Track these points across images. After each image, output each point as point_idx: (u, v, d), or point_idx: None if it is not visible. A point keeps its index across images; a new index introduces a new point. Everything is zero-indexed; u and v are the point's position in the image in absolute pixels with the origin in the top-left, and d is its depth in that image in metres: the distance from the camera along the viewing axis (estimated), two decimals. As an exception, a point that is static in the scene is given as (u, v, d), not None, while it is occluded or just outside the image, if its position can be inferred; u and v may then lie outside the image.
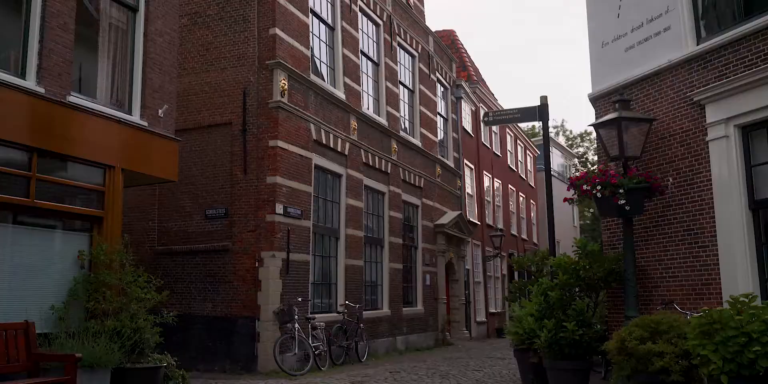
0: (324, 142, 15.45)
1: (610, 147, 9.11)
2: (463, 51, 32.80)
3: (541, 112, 10.77)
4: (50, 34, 8.99)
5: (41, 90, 8.81)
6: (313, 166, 15.00)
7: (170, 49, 11.17)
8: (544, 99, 11.02)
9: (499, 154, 32.54)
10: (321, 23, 16.45)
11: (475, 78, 30.92)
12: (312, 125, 14.96)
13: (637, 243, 9.37)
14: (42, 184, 8.86)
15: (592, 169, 10.58)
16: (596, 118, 10.20)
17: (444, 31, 33.63)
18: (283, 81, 13.92)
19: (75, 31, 9.43)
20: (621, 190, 8.49)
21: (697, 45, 8.92)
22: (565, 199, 9.30)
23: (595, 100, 10.64)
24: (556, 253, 11.46)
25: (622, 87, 10.04)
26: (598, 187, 8.62)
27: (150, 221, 14.85)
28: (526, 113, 11.18)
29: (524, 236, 35.73)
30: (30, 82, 8.74)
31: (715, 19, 8.94)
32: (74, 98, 9.33)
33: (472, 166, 27.90)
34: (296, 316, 13.06)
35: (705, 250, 8.46)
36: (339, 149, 16.18)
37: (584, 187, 8.80)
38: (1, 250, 8.53)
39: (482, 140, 29.89)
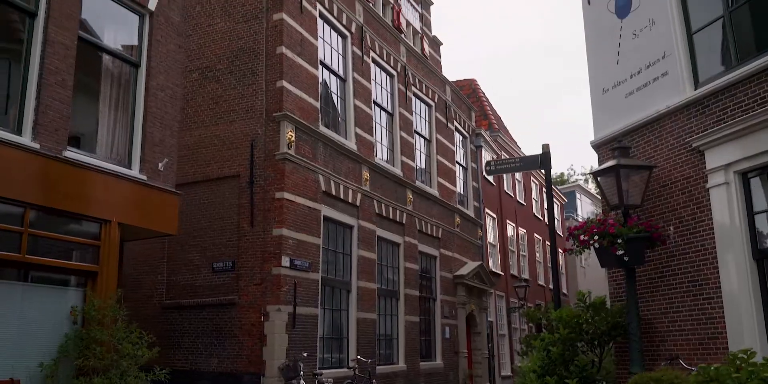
0: (334, 193, 15.37)
1: (610, 195, 8.86)
2: (485, 100, 32.88)
3: (543, 160, 10.58)
4: (48, 91, 9.12)
5: (36, 146, 8.88)
6: (322, 217, 14.89)
7: (172, 103, 11.28)
8: (545, 147, 10.84)
9: (523, 202, 32.18)
10: (332, 75, 16.59)
11: (497, 126, 30.87)
12: (321, 176, 14.91)
13: (643, 294, 9.00)
14: (34, 239, 8.85)
15: (591, 218, 10.29)
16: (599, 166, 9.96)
17: (465, 80, 33.83)
18: (289, 133, 13.96)
19: (75, 86, 9.57)
20: (619, 240, 8.20)
21: (695, 90, 8.71)
22: (565, 250, 9.00)
23: (598, 147, 10.43)
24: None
25: (622, 134, 9.83)
26: (596, 237, 8.33)
27: (159, 275, 14.79)
28: (528, 162, 11.01)
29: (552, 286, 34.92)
30: (25, 138, 8.82)
31: (712, 63, 8.74)
32: (70, 153, 9.39)
33: (494, 216, 27.57)
34: (301, 372, 12.74)
35: (710, 302, 8.06)
36: (350, 200, 16.07)
37: (582, 237, 8.52)
38: (-9, 305, 8.48)
39: (505, 189, 29.62)
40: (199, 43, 15.54)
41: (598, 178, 9.07)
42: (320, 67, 15.87)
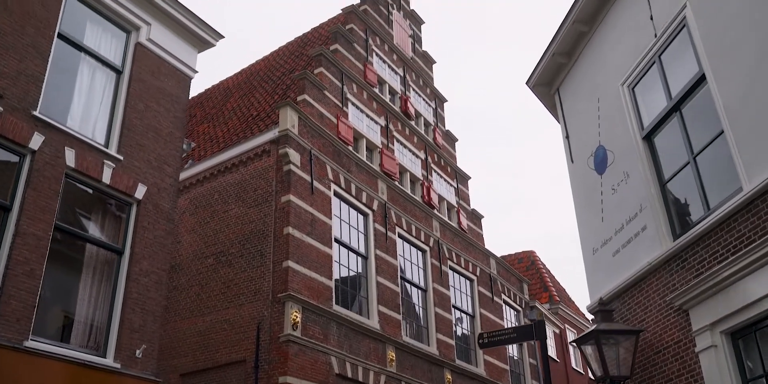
0: (350, 375, 14.47)
1: (593, 366, 7.84)
2: (545, 271, 31.88)
3: (537, 330, 9.65)
4: (13, 281, 9.15)
5: (-7, 337, 8.74)
6: (335, 403, 13.91)
7: (157, 288, 11.15)
8: (539, 315, 9.96)
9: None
10: (350, 252, 16.39)
11: (558, 298, 29.51)
12: (333, 358, 14.15)
13: None
14: (-21, 438, 8.40)
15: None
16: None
17: (523, 252, 33.26)
18: (295, 314, 13.52)
19: (50, 273, 9.63)
20: (598, 420, 7.07)
21: (673, 242, 7.94)
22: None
23: (594, 313, 9.48)
24: None
25: (614, 296, 8.97)
26: (572, 416, 7.22)
27: None
28: (522, 332, 10.07)
29: None
30: (-18, 330, 8.73)
31: (687, 213, 8.05)
32: (33, 343, 9.18)
33: (561, 395, 25.38)
34: None
35: None
36: (371, 383, 15.05)
37: (559, 416, 7.41)
38: None
39: (573, 365, 27.54)
40: (215, 229, 15.84)
41: (581, 347, 8.10)
42: (336, 245, 15.76)
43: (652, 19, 8.57)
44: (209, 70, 73.79)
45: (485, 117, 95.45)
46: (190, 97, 26.43)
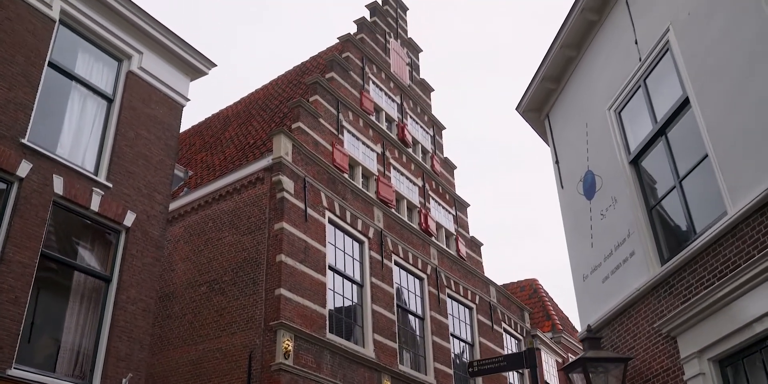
0: (344, 405, 14.25)
1: (582, 395, 7.67)
2: (547, 299, 31.54)
3: (527, 358, 9.46)
4: (-4, 310, 9.09)
5: (-26, 368, 8.64)
6: (328, 434, 13.66)
7: (144, 316, 11.04)
8: (530, 343, 9.78)
9: (601, 409, 29.14)
10: (345, 280, 16.26)
11: (560, 327, 29.16)
12: (327, 388, 13.95)
13: None
14: None
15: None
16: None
17: (525, 280, 32.98)
18: (287, 342, 13.36)
19: (36, 300, 9.55)
20: (583, 451, 6.88)
21: (661, 267, 7.82)
22: None
23: (582, 339, 9.31)
24: None
25: (604, 323, 8.84)
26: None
27: None
28: (512, 360, 9.87)
29: None
30: (-35, 359, 8.63)
31: (674, 238, 7.94)
32: (17, 371, 9.07)
33: (563, 426, 24.92)
34: None
35: None
36: (365, 413, 14.83)
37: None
38: None
39: (576, 395, 27.05)
40: (208, 257, 15.76)
41: (569, 376, 7.95)
42: (330, 273, 15.64)
43: (636, 43, 8.58)
44: (212, 100, 74.37)
45: (490, 145, 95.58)
46: (189, 126, 26.64)
